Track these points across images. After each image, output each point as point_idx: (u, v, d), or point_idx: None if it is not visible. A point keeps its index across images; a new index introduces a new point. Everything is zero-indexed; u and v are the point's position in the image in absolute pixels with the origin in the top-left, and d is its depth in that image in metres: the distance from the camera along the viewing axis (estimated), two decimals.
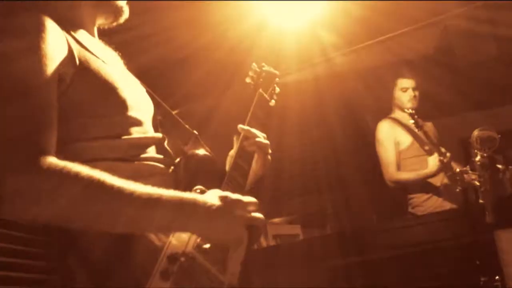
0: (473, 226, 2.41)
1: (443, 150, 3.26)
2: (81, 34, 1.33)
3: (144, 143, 1.31)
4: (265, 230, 4.14)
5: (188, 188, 1.29)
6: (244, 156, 1.55)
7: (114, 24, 1.46)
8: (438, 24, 3.82)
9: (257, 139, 1.59)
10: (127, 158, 1.24)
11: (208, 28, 3.00)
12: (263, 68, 1.90)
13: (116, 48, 1.49)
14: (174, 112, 1.59)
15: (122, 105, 1.28)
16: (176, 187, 1.24)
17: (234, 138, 1.65)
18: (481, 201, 2.39)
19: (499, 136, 2.46)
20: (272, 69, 1.92)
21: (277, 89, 1.89)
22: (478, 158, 2.47)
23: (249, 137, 1.59)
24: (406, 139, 3.64)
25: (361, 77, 4.29)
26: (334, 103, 4.37)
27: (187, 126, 1.52)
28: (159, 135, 1.37)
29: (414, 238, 2.80)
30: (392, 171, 3.59)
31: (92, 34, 1.42)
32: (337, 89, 4.31)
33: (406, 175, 3.56)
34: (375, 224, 4.13)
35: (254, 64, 1.90)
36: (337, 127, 4.48)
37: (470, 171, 2.81)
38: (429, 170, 3.36)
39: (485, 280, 2.26)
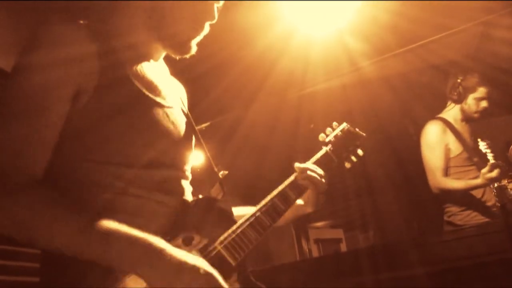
0: None
1: (492, 160, 3.09)
2: (132, 56, 1.29)
3: (151, 178, 1.23)
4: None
5: (194, 229, 1.23)
6: (293, 190, 1.53)
7: (181, 57, 1.40)
8: (469, 30, 3.71)
9: (312, 174, 1.58)
10: (127, 192, 1.18)
11: (236, 37, 2.96)
12: (343, 127, 1.77)
13: None
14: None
15: (146, 137, 1.22)
16: (175, 228, 1.21)
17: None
18: None
19: None
20: (356, 130, 1.78)
21: (360, 152, 1.77)
22: None
23: (304, 171, 1.58)
24: (456, 148, 3.47)
25: (389, 84, 4.21)
26: (363, 110, 4.31)
27: (215, 169, 1.47)
28: (170, 172, 1.28)
29: (450, 253, 2.68)
30: (439, 177, 3.41)
31: (155, 59, 1.39)
32: (366, 96, 4.24)
33: (454, 183, 3.36)
34: (408, 237, 4.01)
35: (335, 122, 1.79)
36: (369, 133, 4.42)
37: (508, 185, 2.68)
38: (481, 181, 3.15)
39: None
